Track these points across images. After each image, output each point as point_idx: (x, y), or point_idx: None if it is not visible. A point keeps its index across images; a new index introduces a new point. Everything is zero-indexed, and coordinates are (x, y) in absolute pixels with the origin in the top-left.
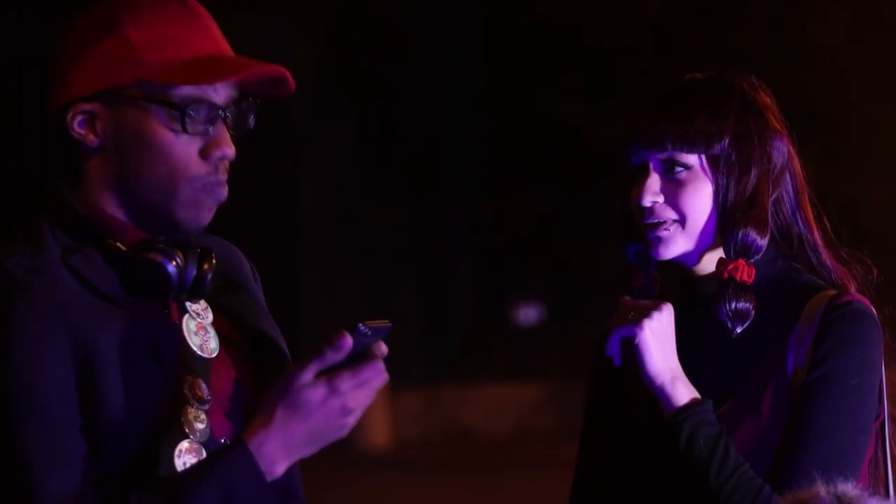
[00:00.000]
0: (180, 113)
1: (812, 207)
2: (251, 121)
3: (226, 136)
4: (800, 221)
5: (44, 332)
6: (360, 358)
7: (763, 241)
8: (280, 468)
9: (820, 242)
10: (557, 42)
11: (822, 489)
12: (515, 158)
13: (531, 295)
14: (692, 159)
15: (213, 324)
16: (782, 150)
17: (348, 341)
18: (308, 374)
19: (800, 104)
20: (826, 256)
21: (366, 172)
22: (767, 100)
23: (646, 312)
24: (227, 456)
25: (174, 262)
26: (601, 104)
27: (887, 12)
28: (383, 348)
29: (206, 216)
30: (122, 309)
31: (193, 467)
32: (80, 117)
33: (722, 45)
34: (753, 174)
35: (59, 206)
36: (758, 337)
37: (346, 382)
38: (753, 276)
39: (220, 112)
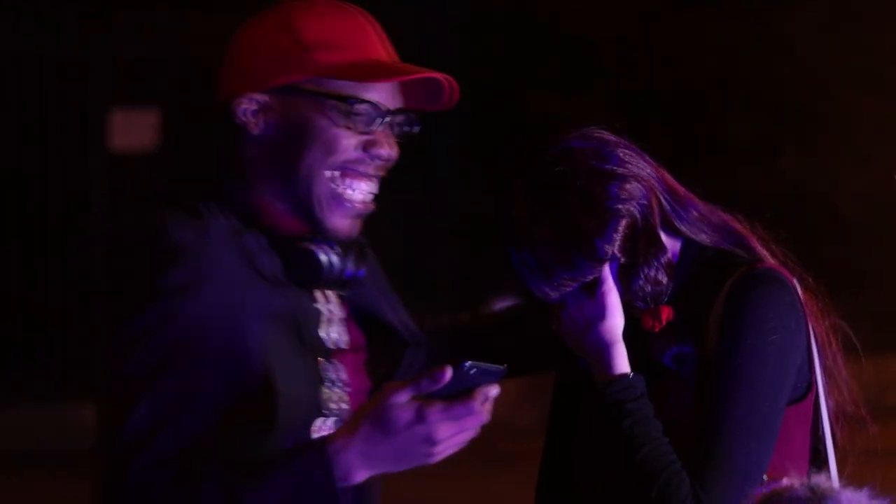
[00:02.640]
0: (350, 110)
1: (683, 190)
2: (415, 128)
3: (389, 137)
4: (685, 220)
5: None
6: (464, 394)
7: (663, 284)
8: (357, 476)
9: (707, 221)
10: (537, 33)
11: (796, 481)
12: (495, 150)
13: (509, 290)
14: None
15: (343, 320)
16: (634, 185)
17: (447, 375)
18: (402, 396)
19: (778, 95)
20: (712, 229)
21: None
22: (588, 147)
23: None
24: (307, 452)
25: (328, 253)
26: (581, 96)
27: (863, 3)
28: (494, 391)
29: (344, 224)
30: (276, 289)
31: (274, 455)
32: (248, 105)
33: (701, 37)
34: (631, 237)
35: (218, 193)
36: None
37: (435, 413)
38: (672, 315)
39: (386, 114)
